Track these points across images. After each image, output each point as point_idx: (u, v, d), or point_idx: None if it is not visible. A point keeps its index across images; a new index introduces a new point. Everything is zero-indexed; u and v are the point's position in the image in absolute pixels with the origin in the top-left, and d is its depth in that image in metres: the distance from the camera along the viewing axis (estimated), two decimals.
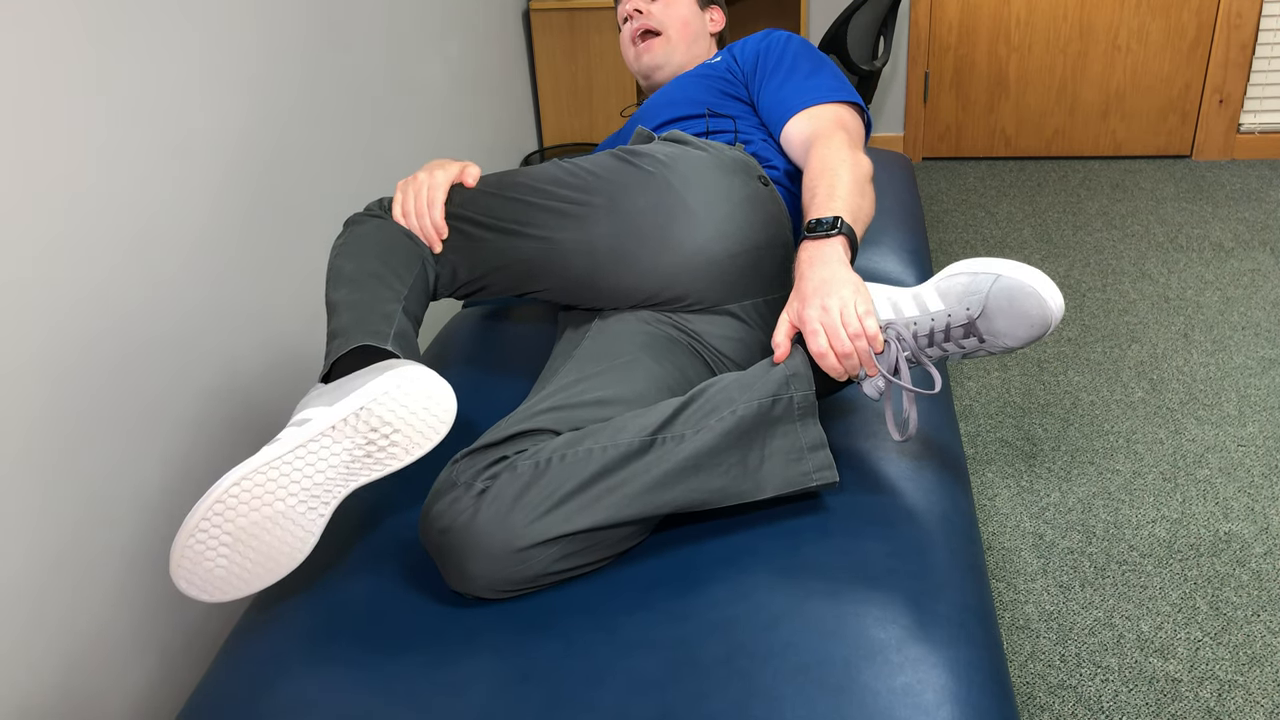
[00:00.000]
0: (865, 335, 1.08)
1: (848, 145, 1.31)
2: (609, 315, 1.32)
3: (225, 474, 1.12)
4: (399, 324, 1.18)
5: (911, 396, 1.10)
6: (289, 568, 1.04)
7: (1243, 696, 1.50)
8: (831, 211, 1.18)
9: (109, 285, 1.30)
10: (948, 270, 1.12)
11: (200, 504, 0.99)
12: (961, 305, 1.08)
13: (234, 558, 1.01)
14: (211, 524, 0.99)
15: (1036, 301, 1.05)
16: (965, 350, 1.11)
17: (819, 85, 1.45)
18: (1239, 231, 3.08)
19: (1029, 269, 1.07)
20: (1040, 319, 1.06)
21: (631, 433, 1.07)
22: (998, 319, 1.07)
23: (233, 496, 0.99)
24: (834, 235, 1.15)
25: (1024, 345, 1.08)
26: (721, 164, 1.32)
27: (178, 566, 1.00)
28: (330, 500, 1.04)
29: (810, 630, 0.96)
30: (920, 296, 1.12)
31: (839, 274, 1.12)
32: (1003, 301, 1.06)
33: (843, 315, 1.09)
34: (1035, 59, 3.69)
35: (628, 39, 1.73)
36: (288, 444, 1.01)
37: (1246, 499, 1.91)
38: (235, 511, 1.00)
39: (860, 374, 1.11)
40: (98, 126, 1.29)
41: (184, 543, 0.99)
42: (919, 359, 1.11)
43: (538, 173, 1.34)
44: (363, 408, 1.02)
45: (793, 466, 1.11)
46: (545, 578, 1.04)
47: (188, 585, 1.01)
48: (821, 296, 1.10)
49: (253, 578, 1.03)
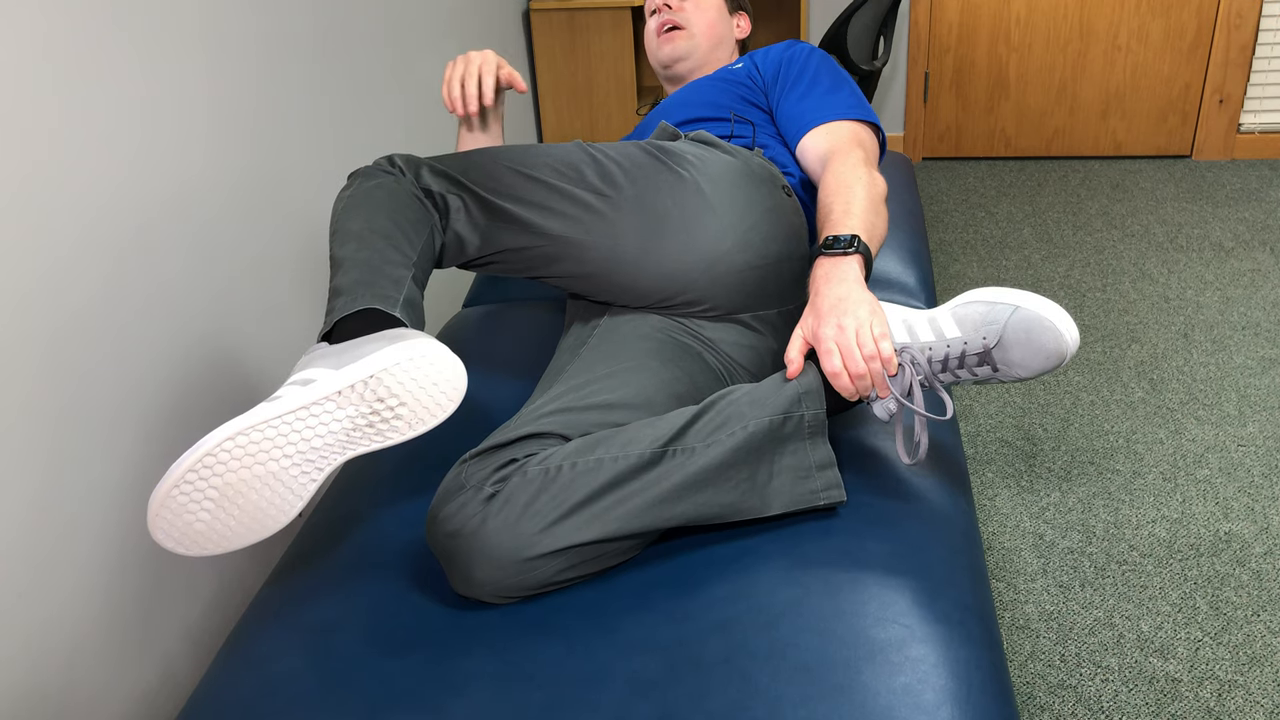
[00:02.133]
0: (880, 357, 1.08)
1: (864, 163, 1.31)
2: (618, 313, 1.31)
3: (218, 427, 1.06)
4: (408, 291, 1.15)
5: (923, 421, 1.10)
6: (272, 530, 1.01)
7: (1243, 696, 1.50)
8: (848, 229, 1.18)
9: (111, 283, 1.30)
10: (965, 297, 1.12)
11: (188, 455, 0.94)
12: (978, 334, 1.09)
13: (218, 514, 0.97)
14: (199, 476, 0.95)
15: (1053, 335, 1.06)
16: (977, 378, 1.11)
17: (838, 102, 1.46)
18: (1239, 231, 3.08)
19: (1047, 302, 1.07)
20: (1056, 352, 1.06)
21: (643, 444, 1.07)
22: (1013, 350, 1.07)
23: (225, 451, 0.95)
24: (850, 253, 1.15)
25: (1035, 376, 1.09)
26: (750, 172, 1.31)
27: (157, 517, 0.95)
28: (325, 466, 1.01)
29: (810, 630, 0.96)
30: (936, 322, 1.12)
31: (855, 293, 1.12)
32: (1020, 333, 1.07)
33: (858, 336, 1.08)
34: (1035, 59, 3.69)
35: (653, 32, 1.74)
36: (289, 404, 0.97)
37: (1246, 499, 1.91)
38: (225, 467, 0.96)
39: (871, 395, 1.11)
40: (90, 117, 1.29)
41: (166, 493, 0.95)
42: (932, 384, 1.11)
43: (562, 154, 1.31)
44: (372, 376, 0.99)
45: (801, 484, 1.10)
46: (548, 586, 1.04)
47: (164, 537, 0.97)
48: (838, 315, 1.10)
49: (234, 536, 0.99)
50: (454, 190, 1.29)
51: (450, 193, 1.29)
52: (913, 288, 1.77)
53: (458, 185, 1.29)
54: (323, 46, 1.88)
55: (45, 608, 1.20)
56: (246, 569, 1.60)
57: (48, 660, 1.21)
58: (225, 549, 1.00)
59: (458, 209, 1.29)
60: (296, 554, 1.18)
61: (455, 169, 1.30)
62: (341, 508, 1.24)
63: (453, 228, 1.29)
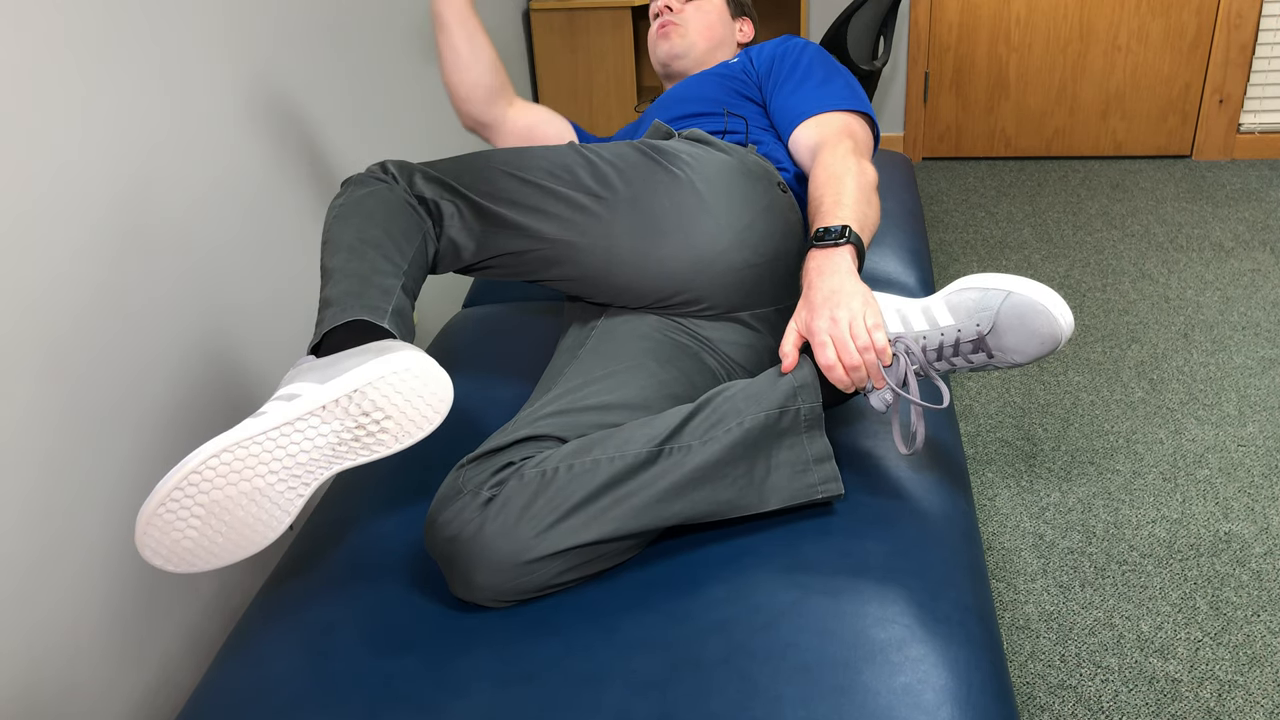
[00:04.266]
0: (874, 348, 1.08)
1: (854, 153, 1.30)
2: (615, 314, 1.31)
3: (203, 444, 1.07)
4: (397, 301, 1.14)
5: (919, 410, 1.10)
6: (260, 545, 1.01)
7: (1243, 696, 1.50)
8: (839, 220, 1.18)
9: (110, 287, 1.30)
10: (957, 284, 1.12)
11: (174, 473, 0.95)
12: (972, 321, 1.08)
13: (205, 530, 0.97)
14: (185, 494, 0.95)
15: (1047, 319, 1.06)
16: (973, 365, 1.11)
17: (830, 93, 1.45)
18: (1239, 231, 3.08)
19: (1040, 286, 1.07)
20: (1050, 336, 1.06)
21: (639, 443, 1.06)
22: (1007, 335, 1.07)
23: (210, 469, 0.95)
24: (842, 244, 1.15)
25: (1031, 361, 1.09)
26: (745, 170, 1.31)
27: (144, 534, 0.96)
28: (311, 481, 1.01)
29: (810, 630, 0.96)
30: (930, 310, 1.12)
31: (848, 285, 1.11)
32: (1013, 319, 1.07)
33: (852, 328, 1.08)
34: (1035, 59, 3.69)
35: (655, 33, 1.74)
36: (273, 419, 0.98)
37: (1246, 499, 1.91)
38: (211, 484, 0.96)
39: (867, 386, 1.11)
40: (90, 124, 1.29)
41: (153, 510, 0.95)
42: (927, 373, 1.11)
43: (555, 156, 1.30)
44: (356, 390, 0.99)
45: (799, 479, 1.10)
46: (548, 589, 1.04)
47: (152, 554, 0.97)
48: (831, 308, 1.10)
49: (222, 552, 0.99)
50: (447, 196, 1.28)
51: (444, 199, 1.28)
52: (913, 288, 1.77)
53: (451, 191, 1.28)
54: (322, 48, 1.88)
55: (45, 608, 1.20)
56: (246, 570, 1.60)
57: (48, 661, 1.21)
58: (214, 565, 1.00)
59: (451, 215, 1.28)
60: (296, 555, 1.18)
61: (448, 174, 1.30)
62: (341, 509, 1.24)
63: (447, 234, 1.29)
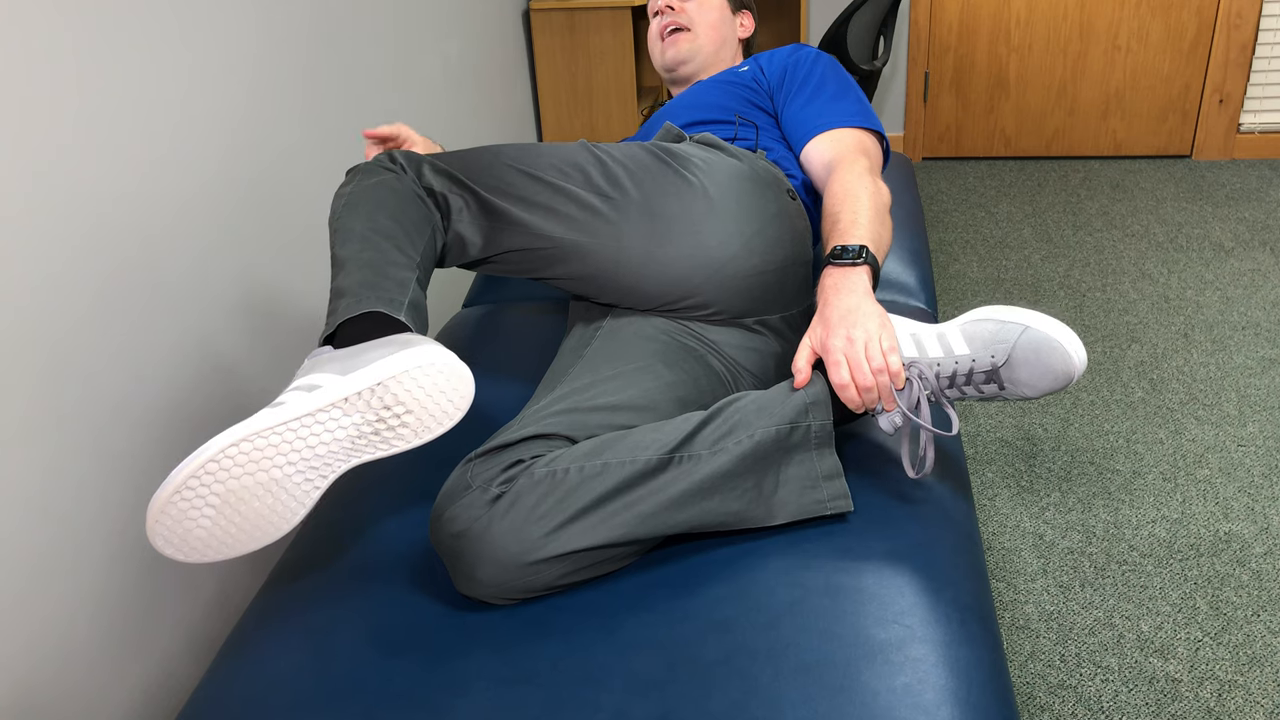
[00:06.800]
0: (888, 371, 1.08)
1: (869, 172, 1.31)
2: (621, 315, 1.30)
3: (220, 433, 1.04)
4: (413, 293, 1.13)
5: (929, 435, 1.10)
6: (273, 537, 0.99)
7: (1243, 696, 1.50)
8: (855, 239, 1.18)
9: (113, 286, 1.30)
10: (974, 314, 1.12)
11: (190, 462, 0.93)
12: (987, 352, 1.09)
13: (219, 520, 0.96)
14: (200, 483, 0.94)
15: (1061, 356, 1.06)
16: (983, 395, 1.11)
17: (844, 109, 1.46)
18: (1239, 231, 3.08)
19: (1056, 323, 1.08)
20: (1064, 373, 1.06)
21: (650, 449, 1.06)
22: (1021, 369, 1.08)
23: (228, 458, 0.94)
24: (859, 264, 1.15)
25: (1041, 396, 1.09)
26: (756, 176, 1.31)
27: (156, 523, 0.94)
28: (328, 474, 1.00)
29: (810, 630, 0.96)
30: (945, 337, 1.12)
31: (864, 305, 1.12)
32: (1029, 353, 1.07)
33: (867, 349, 1.08)
34: (1035, 59, 3.69)
35: (656, 34, 1.73)
36: (294, 410, 0.96)
37: (1246, 499, 1.91)
38: (228, 474, 0.94)
39: (878, 408, 1.11)
40: (90, 124, 1.29)
41: (167, 499, 0.93)
42: (939, 399, 1.11)
43: (566, 154, 1.29)
44: (380, 383, 0.98)
45: (807, 494, 1.10)
46: (551, 589, 1.04)
47: (164, 544, 0.95)
48: (847, 327, 1.10)
49: (235, 543, 0.98)
50: (456, 190, 1.28)
51: (452, 192, 1.28)
52: (913, 287, 1.77)
53: (460, 185, 1.28)
54: (322, 48, 1.88)
55: (46, 608, 1.20)
56: (247, 569, 1.60)
57: (48, 661, 1.21)
58: (225, 556, 0.99)
59: (459, 209, 1.28)
60: (297, 555, 1.18)
61: (457, 168, 1.29)
62: (342, 508, 1.24)
63: (455, 228, 1.28)
